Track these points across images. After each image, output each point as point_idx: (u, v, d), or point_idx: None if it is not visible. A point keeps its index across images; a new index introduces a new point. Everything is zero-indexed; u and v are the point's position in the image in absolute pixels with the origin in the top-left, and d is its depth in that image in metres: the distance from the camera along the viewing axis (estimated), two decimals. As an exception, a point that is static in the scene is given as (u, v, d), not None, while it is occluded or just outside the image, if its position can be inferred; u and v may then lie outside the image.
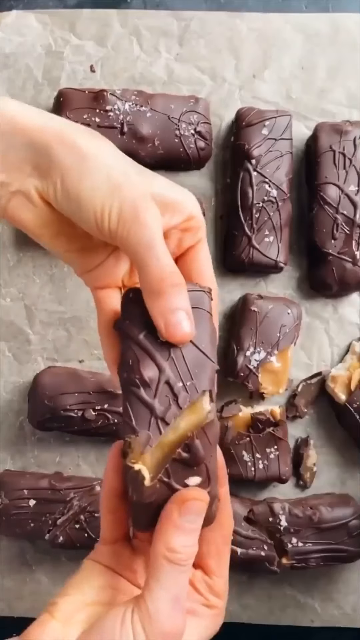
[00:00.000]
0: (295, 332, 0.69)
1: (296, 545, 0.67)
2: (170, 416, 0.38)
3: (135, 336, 0.38)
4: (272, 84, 0.74)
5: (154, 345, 0.38)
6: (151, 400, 0.37)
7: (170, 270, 0.37)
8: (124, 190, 0.37)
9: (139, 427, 0.37)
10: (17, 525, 0.67)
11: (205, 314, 0.39)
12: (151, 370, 0.38)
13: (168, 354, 0.38)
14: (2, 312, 0.73)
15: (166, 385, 0.38)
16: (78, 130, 0.38)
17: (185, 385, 0.38)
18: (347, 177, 0.69)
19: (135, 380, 0.38)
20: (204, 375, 0.38)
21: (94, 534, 0.67)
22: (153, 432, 0.37)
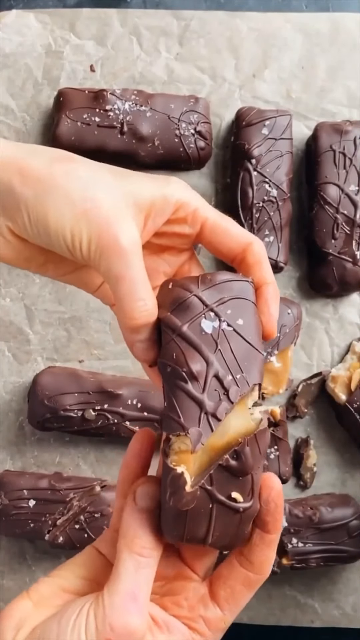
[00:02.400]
0: (296, 332, 0.69)
1: (296, 545, 0.66)
2: (222, 412, 0.35)
3: (178, 328, 0.36)
4: (272, 83, 0.74)
5: (199, 337, 0.36)
6: (200, 395, 0.35)
7: (140, 310, 0.36)
8: (91, 215, 0.35)
9: (188, 424, 0.35)
10: (17, 526, 0.67)
11: (249, 305, 0.37)
12: (198, 363, 0.35)
13: (215, 346, 0.36)
14: (1, 312, 0.73)
15: (215, 379, 0.35)
16: (39, 157, 0.36)
17: (235, 379, 0.36)
18: (348, 177, 0.69)
19: (182, 374, 0.35)
20: (254, 368, 0.36)
21: (94, 534, 0.67)
22: (204, 429, 0.35)
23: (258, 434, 0.35)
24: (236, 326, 0.37)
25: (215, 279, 0.37)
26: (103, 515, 0.67)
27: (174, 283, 0.38)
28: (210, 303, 0.37)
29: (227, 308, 0.37)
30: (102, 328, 0.73)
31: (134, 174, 0.39)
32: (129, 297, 0.36)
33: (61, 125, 0.70)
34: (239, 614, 0.37)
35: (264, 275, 0.39)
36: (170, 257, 0.43)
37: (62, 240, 0.36)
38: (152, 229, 0.38)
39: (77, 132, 0.70)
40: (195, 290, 0.37)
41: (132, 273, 0.36)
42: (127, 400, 0.68)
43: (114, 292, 0.36)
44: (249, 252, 0.39)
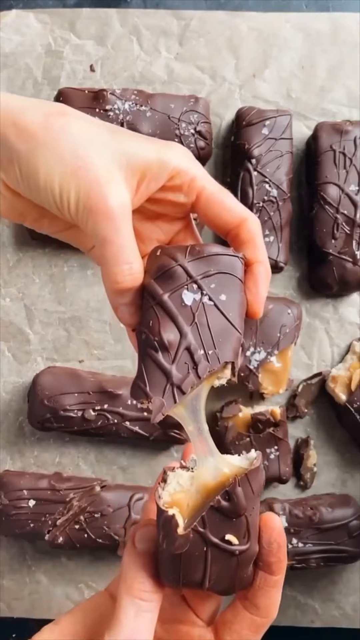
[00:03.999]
0: (296, 332, 0.69)
1: (296, 545, 0.66)
2: (187, 385, 0.35)
3: (159, 296, 0.36)
4: (272, 83, 0.74)
5: (179, 308, 0.35)
6: (169, 366, 0.35)
7: (124, 274, 0.36)
8: (80, 174, 0.34)
9: (153, 393, 0.35)
10: (16, 526, 0.67)
11: (236, 281, 0.37)
12: (172, 333, 0.35)
13: (192, 318, 0.35)
14: (1, 312, 0.73)
15: (186, 352, 0.35)
16: (35, 110, 0.36)
17: (207, 354, 0.35)
18: (348, 177, 0.69)
19: (154, 343, 0.35)
20: (228, 346, 0.36)
21: (93, 534, 0.67)
22: (167, 400, 0.35)
23: (250, 474, 0.34)
24: (218, 301, 0.36)
25: (204, 251, 0.37)
26: (103, 515, 0.67)
27: (162, 250, 0.37)
28: (195, 275, 0.36)
29: (211, 282, 0.36)
30: (102, 328, 0.73)
31: (132, 134, 0.38)
32: (115, 260, 0.35)
33: (61, 125, 0.70)
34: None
35: (256, 253, 0.38)
36: (165, 225, 0.41)
37: (50, 197, 0.35)
38: (145, 194, 0.37)
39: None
40: (181, 260, 0.36)
41: (119, 236, 0.35)
42: (127, 400, 0.68)
43: (100, 255, 0.36)
44: (244, 227, 0.39)
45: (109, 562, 0.71)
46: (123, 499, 0.68)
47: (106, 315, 0.73)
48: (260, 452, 0.36)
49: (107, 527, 0.67)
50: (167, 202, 0.39)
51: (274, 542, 0.35)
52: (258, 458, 0.35)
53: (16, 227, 0.73)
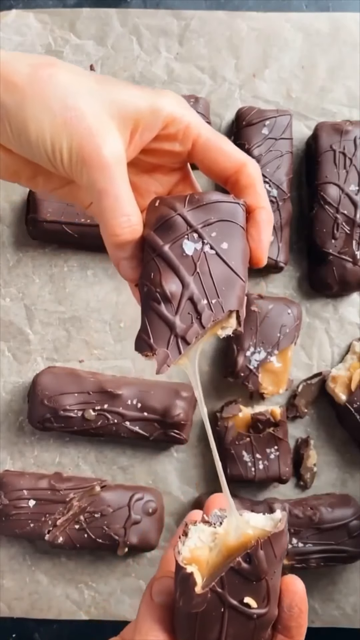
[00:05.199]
0: (296, 332, 0.69)
1: (296, 545, 0.66)
2: (192, 335, 0.34)
3: (159, 248, 0.35)
4: (272, 83, 0.74)
5: (180, 258, 0.35)
6: (172, 317, 0.34)
7: (122, 226, 0.34)
8: (71, 125, 0.33)
9: (157, 345, 0.34)
10: (16, 526, 0.67)
11: (237, 229, 0.36)
12: (174, 284, 0.34)
13: (194, 268, 0.35)
14: (1, 312, 0.73)
15: (189, 302, 0.34)
16: (20, 62, 0.34)
17: (210, 303, 0.34)
18: (348, 177, 0.69)
19: (156, 295, 0.34)
20: (232, 294, 0.35)
21: (93, 534, 0.67)
22: (172, 352, 0.34)
23: (273, 537, 0.33)
24: (219, 250, 0.35)
25: (204, 199, 0.36)
26: (103, 515, 0.67)
27: (161, 201, 0.36)
28: (195, 224, 0.35)
29: (212, 230, 0.35)
30: (102, 328, 0.73)
31: (122, 82, 0.37)
32: (112, 212, 0.34)
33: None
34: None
35: (257, 199, 0.37)
36: (162, 177, 0.40)
37: (43, 152, 0.34)
38: (139, 144, 0.36)
39: (77, 132, 0.70)
40: (180, 210, 0.35)
41: (115, 187, 0.34)
42: (127, 400, 0.68)
43: (97, 207, 0.35)
44: (243, 173, 0.37)
45: (109, 562, 0.71)
46: (123, 499, 0.68)
47: (106, 315, 0.73)
48: (286, 514, 0.34)
49: (107, 527, 0.67)
50: (163, 152, 0.38)
51: (295, 606, 0.34)
52: (283, 520, 0.34)
53: (16, 227, 0.73)
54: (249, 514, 0.35)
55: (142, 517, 0.67)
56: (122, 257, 0.36)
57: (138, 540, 0.67)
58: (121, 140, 0.35)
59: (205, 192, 0.36)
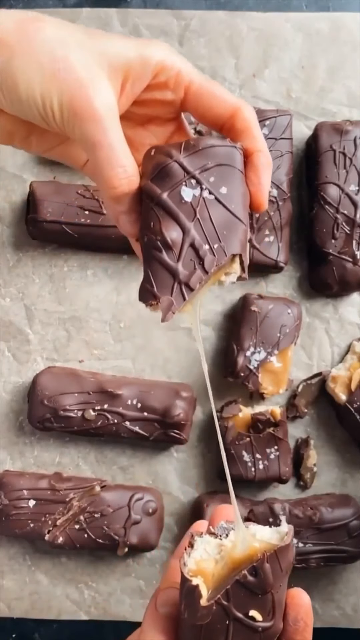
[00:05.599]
0: (296, 332, 0.69)
1: (296, 545, 0.66)
2: (195, 281, 0.34)
3: (158, 196, 0.34)
4: (272, 83, 0.74)
5: (179, 205, 0.34)
6: (174, 264, 0.34)
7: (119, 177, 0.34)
8: (61, 78, 0.33)
9: (161, 293, 0.34)
10: (17, 526, 0.67)
11: (236, 172, 0.35)
12: (174, 231, 0.34)
13: (194, 214, 0.34)
14: (1, 312, 0.73)
15: (191, 249, 0.34)
16: (6, 19, 0.34)
17: (212, 248, 0.34)
18: (348, 177, 0.69)
19: (157, 243, 0.34)
20: (234, 238, 0.34)
21: (93, 534, 0.67)
22: (176, 299, 0.34)
23: (279, 550, 0.33)
24: (219, 194, 0.35)
25: (200, 144, 0.35)
26: (103, 515, 0.67)
27: (156, 149, 0.36)
28: (192, 170, 0.35)
29: (210, 175, 0.35)
30: (102, 328, 0.73)
31: (110, 34, 0.36)
32: (108, 164, 0.34)
33: (61, 125, 0.70)
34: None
35: (254, 142, 0.37)
36: (156, 128, 0.40)
37: (34, 107, 0.34)
38: (130, 95, 0.36)
39: (77, 132, 0.70)
40: (176, 157, 0.35)
41: (109, 138, 0.33)
42: (127, 400, 0.68)
43: (92, 161, 0.34)
44: (238, 117, 0.37)
45: (109, 562, 0.71)
46: (123, 499, 0.68)
47: (106, 315, 0.73)
48: (292, 527, 0.34)
49: (107, 527, 0.67)
50: (155, 102, 0.37)
51: (300, 620, 0.34)
52: (289, 534, 0.33)
53: (16, 227, 0.73)
54: (256, 527, 0.35)
55: (142, 517, 0.67)
56: (121, 211, 0.36)
57: (138, 540, 0.67)
58: (112, 92, 0.34)
59: (200, 137, 0.36)
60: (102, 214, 0.69)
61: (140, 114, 0.38)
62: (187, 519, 0.71)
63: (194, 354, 0.73)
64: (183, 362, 0.73)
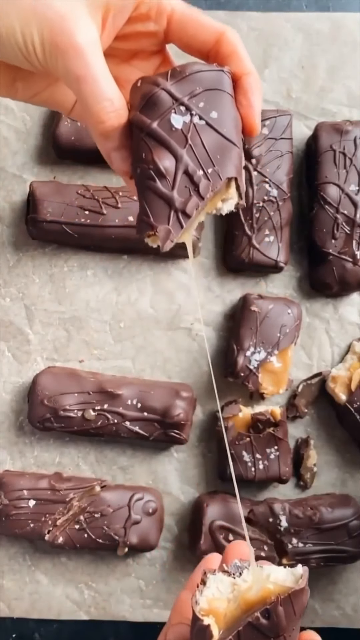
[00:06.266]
0: (296, 332, 0.69)
1: (296, 545, 0.66)
2: (192, 207, 0.33)
3: (147, 126, 0.34)
4: (272, 83, 0.74)
5: (169, 133, 0.34)
6: (169, 192, 0.33)
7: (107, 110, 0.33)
8: (40, 12, 0.32)
9: (158, 223, 0.33)
10: (16, 526, 0.67)
11: (225, 96, 0.35)
12: (167, 159, 0.33)
13: (185, 141, 0.34)
14: (1, 312, 0.73)
15: (185, 175, 0.33)
16: None
17: (207, 173, 0.34)
18: (348, 177, 0.69)
19: (150, 172, 0.33)
20: (228, 161, 0.34)
21: (93, 534, 0.67)
22: (174, 227, 0.33)
23: (294, 594, 0.32)
24: (209, 119, 0.34)
25: (186, 70, 0.35)
26: (103, 515, 0.67)
27: (143, 80, 0.35)
28: (181, 96, 0.34)
29: (199, 101, 0.34)
30: (102, 328, 0.73)
31: None
32: (94, 98, 0.33)
33: (61, 125, 0.70)
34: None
35: (242, 65, 0.36)
36: (142, 63, 0.39)
37: (15, 46, 0.33)
38: (112, 30, 0.35)
39: (77, 132, 0.70)
40: (163, 84, 0.34)
41: (93, 72, 0.33)
42: (127, 400, 0.68)
43: (78, 97, 0.34)
44: (223, 41, 0.36)
45: (109, 562, 0.71)
46: (123, 499, 0.68)
47: (106, 315, 0.73)
48: (307, 569, 0.33)
49: (107, 527, 0.67)
50: (138, 35, 0.37)
51: None
52: (304, 577, 0.33)
53: (16, 227, 0.73)
54: (270, 568, 0.35)
55: (142, 517, 0.67)
56: (112, 148, 0.35)
57: (138, 540, 0.67)
58: (94, 26, 0.34)
59: (186, 63, 0.35)
60: (102, 214, 0.69)
61: (124, 49, 0.38)
62: (187, 519, 0.71)
63: (194, 354, 0.73)
64: (183, 362, 0.73)
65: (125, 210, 0.69)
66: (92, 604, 0.71)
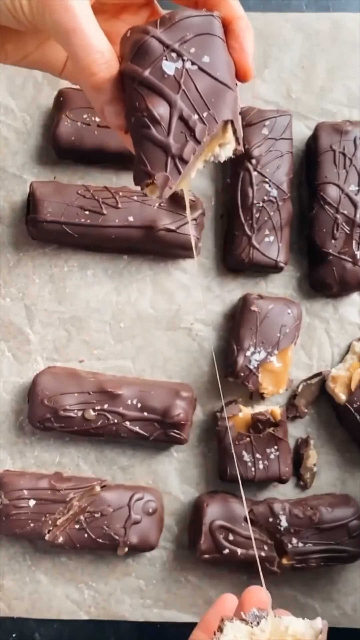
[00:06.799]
0: (296, 332, 0.69)
1: (296, 545, 0.67)
2: (189, 153, 0.33)
3: (139, 75, 0.33)
4: (272, 83, 0.74)
5: (162, 80, 0.33)
6: (165, 139, 0.33)
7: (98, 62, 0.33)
8: None
9: (155, 171, 0.33)
10: (17, 525, 0.67)
11: (216, 40, 0.35)
12: (161, 106, 0.33)
13: (178, 86, 0.33)
14: (2, 312, 0.73)
15: (180, 121, 0.33)
16: None
17: (202, 117, 0.33)
18: (348, 177, 0.69)
19: (145, 120, 0.33)
20: (223, 105, 0.34)
21: (94, 534, 0.67)
22: (172, 174, 0.33)
23: None
24: (202, 64, 0.34)
25: (175, 17, 0.34)
26: (103, 515, 0.67)
27: (132, 30, 0.35)
28: (171, 43, 0.34)
29: (190, 46, 0.34)
30: (102, 328, 0.73)
31: None
32: (84, 50, 0.33)
33: (61, 125, 0.70)
34: (238, 614, 0.36)
35: (231, 9, 0.36)
36: (131, 17, 0.39)
37: (2, 4, 0.33)
38: None
39: (77, 132, 0.70)
40: (153, 32, 0.34)
41: (81, 24, 0.33)
42: (127, 400, 0.68)
43: (69, 52, 0.33)
44: None
45: (109, 561, 0.71)
46: (123, 498, 0.68)
47: (106, 315, 0.73)
48: (327, 623, 0.33)
49: (107, 526, 0.67)
50: None
51: None
52: (324, 632, 0.33)
53: (16, 227, 0.73)
54: (289, 619, 0.34)
55: (142, 517, 0.68)
56: (105, 101, 0.35)
57: (138, 540, 0.67)
58: None
59: (176, 11, 0.35)
60: (102, 214, 0.69)
61: (113, 3, 0.38)
62: (187, 519, 0.71)
63: (194, 354, 0.73)
64: (183, 362, 0.73)
65: (125, 211, 0.69)
66: (92, 603, 0.71)
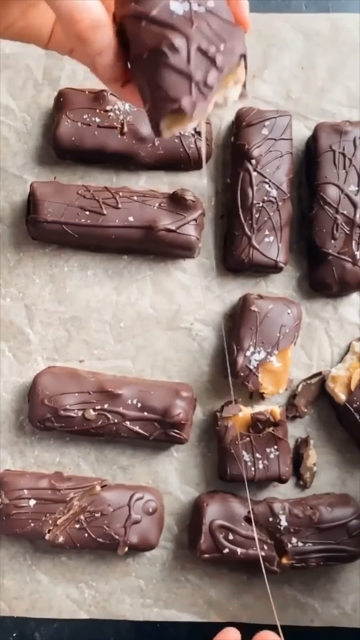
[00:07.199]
0: (295, 332, 0.69)
1: (296, 545, 0.67)
2: (213, 79, 0.32)
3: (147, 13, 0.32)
4: (272, 84, 0.74)
5: (171, 18, 0.32)
6: (186, 67, 0.32)
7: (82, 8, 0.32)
8: None
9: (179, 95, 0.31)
10: (17, 525, 0.67)
11: None
12: (177, 38, 0.32)
13: (191, 23, 0.32)
14: (2, 312, 0.73)
15: (198, 52, 0.32)
16: None
17: (219, 49, 0.32)
18: (347, 177, 0.69)
19: (162, 48, 0.32)
20: (237, 39, 0.33)
21: (93, 533, 0.67)
22: (198, 100, 0.31)
23: None
24: (208, 7, 0.34)
25: None
26: (103, 514, 0.67)
27: None
28: None
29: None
30: (102, 328, 0.73)
31: None
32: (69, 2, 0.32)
33: (61, 125, 0.70)
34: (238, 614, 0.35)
35: None
36: None
37: None
38: None
39: (77, 133, 0.70)
40: None
41: None
42: (127, 400, 0.68)
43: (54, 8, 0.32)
44: None
45: (109, 561, 0.71)
46: (123, 498, 0.68)
47: (106, 315, 0.73)
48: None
49: (108, 526, 0.67)
50: None
51: None
52: None
53: (16, 227, 0.73)
54: None
55: (142, 517, 0.68)
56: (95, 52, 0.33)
57: (138, 540, 0.67)
58: None
59: None
60: (102, 215, 0.69)
61: None
62: (187, 519, 0.71)
63: (194, 354, 0.73)
64: (183, 362, 0.73)
65: (125, 211, 0.69)
66: (93, 603, 0.71)
